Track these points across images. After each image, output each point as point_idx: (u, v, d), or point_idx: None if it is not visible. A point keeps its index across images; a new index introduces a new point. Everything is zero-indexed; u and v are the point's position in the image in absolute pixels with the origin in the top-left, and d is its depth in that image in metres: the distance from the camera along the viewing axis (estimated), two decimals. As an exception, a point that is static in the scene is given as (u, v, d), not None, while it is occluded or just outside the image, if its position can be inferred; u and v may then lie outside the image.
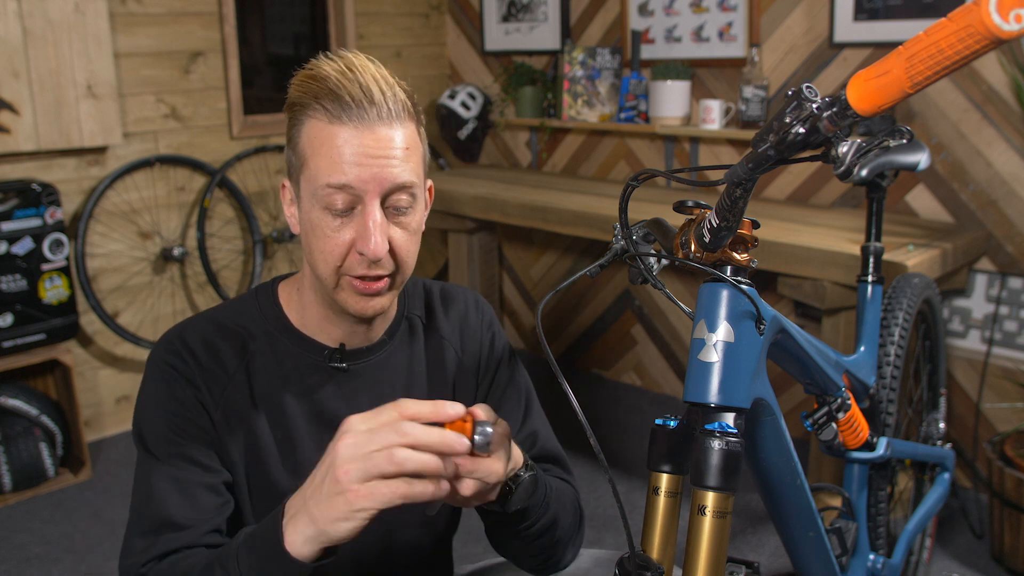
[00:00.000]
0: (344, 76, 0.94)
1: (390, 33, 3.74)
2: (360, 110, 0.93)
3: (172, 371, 1.03)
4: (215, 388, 1.04)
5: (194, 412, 1.02)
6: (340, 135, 0.94)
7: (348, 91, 0.93)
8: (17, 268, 2.65)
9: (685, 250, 0.95)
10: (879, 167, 1.55)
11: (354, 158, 0.93)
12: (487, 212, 3.02)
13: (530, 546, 1.06)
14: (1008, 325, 2.48)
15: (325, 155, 0.94)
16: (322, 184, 0.95)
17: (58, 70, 2.73)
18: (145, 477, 1.01)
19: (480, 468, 0.84)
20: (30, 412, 2.74)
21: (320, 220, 0.97)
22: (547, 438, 1.20)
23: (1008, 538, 2.23)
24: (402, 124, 0.96)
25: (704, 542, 0.88)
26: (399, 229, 0.99)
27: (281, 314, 1.09)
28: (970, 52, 0.66)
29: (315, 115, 0.95)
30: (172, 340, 1.05)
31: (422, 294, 1.19)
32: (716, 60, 2.97)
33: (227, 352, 1.05)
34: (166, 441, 1.01)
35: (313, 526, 0.81)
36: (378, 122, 0.94)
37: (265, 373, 1.06)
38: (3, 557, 2.41)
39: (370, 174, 0.94)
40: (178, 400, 1.02)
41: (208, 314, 1.09)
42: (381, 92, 0.94)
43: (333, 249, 0.97)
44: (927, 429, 2.05)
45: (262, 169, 3.38)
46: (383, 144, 0.94)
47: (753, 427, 1.06)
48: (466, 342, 1.19)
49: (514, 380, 1.21)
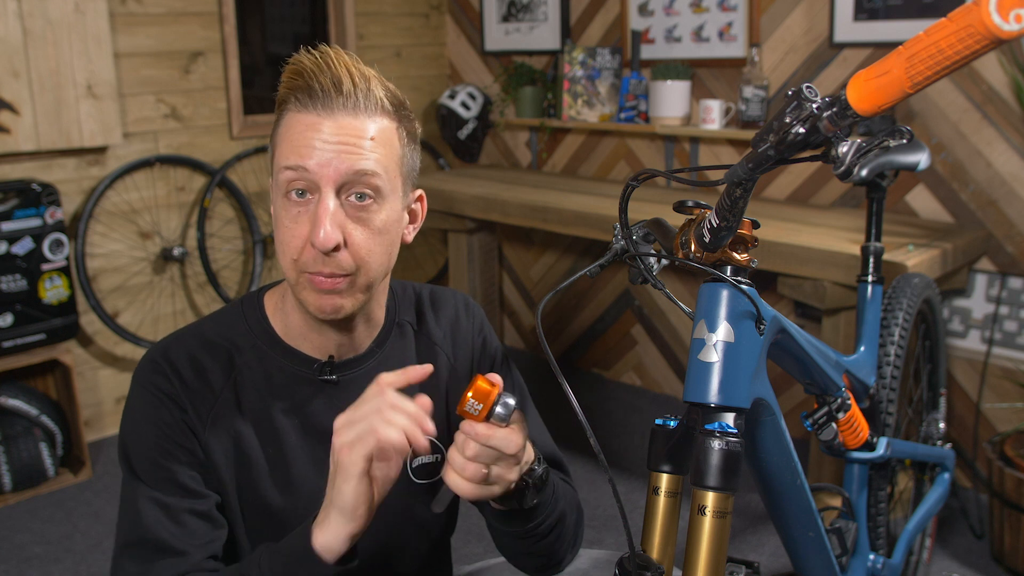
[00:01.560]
0: (318, 67, 0.94)
1: (390, 33, 3.74)
2: (327, 98, 0.93)
3: (158, 392, 1.00)
4: (202, 408, 1.01)
5: (180, 435, 1.00)
6: (304, 121, 0.94)
7: (319, 81, 0.93)
8: (17, 268, 2.65)
9: (685, 250, 0.95)
10: (879, 167, 1.55)
11: (314, 143, 0.93)
12: (487, 212, 3.02)
13: (536, 545, 1.05)
14: (1008, 325, 2.48)
15: (288, 140, 0.95)
16: (282, 167, 0.95)
17: (58, 70, 2.73)
18: (132, 499, 0.99)
19: (496, 436, 0.86)
20: (30, 412, 2.74)
21: (281, 210, 0.97)
22: (543, 441, 1.19)
23: (1008, 538, 2.23)
24: (371, 117, 0.95)
25: (704, 542, 0.88)
26: (359, 226, 0.96)
27: (268, 326, 1.07)
28: (970, 52, 0.66)
29: (291, 108, 0.96)
30: (156, 359, 1.02)
31: (412, 299, 1.17)
32: (716, 60, 2.97)
33: (214, 368, 1.03)
34: (152, 464, 0.99)
35: (331, 507, 0.86)
36: (343, 111, 0.94)
37: (253, 388, 1.04)
38: (3, 557, 2.41)
39: (327, 159, 0.93)
40: (164, 423, 1.00)
41: (193, 329, 1.06)
42: (352, 84, 0.94)
43: (290, 240, 0.96)
44: (927, 429, 2.05)
45: (262, 169, 3.38)
46: (344, 131, 0.93)
47: (753, 427, 1.06)
48: (458, 347, 1.18)
49: (508, 382, 1.20)
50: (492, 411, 0.85)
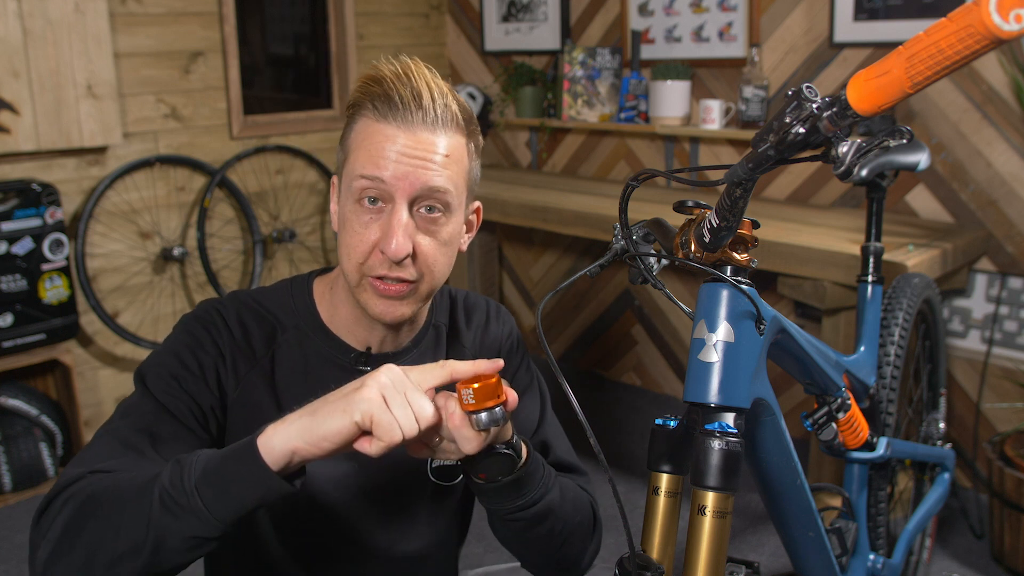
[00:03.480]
0: (398, 79, 0.97)
1: (390, 33, 3.74)
2: (407, 111, 0.96)
3: (205, 335, 1.03)
4: (241, 365, 1.04)
5: (207, 379, 1.01)
6: (383, 132, 0.97)
7: (399, 92, 0.96)
8: (17, 268, 2.65)
9: (685, 250, 0.95)
10: (879, 167, 1.55)
11: (391, 155, 0.96)
12: (487, 212, 3.02)
13: (529, 534, 1.04)
14: (1008, 325, 2.48)
15: (365, 149, 0.97)
16: (357, 175, 0.97)
17: (58, 70, 2.73)
18: (132, 404, 0.99)
19: (462, 432, 0.85)
20: (30, 412, 2.74)
21: (351, 214, 0.99)
22: (563, 448, 1.20)
23: (1008, 538, 2.23)
24: (447, 133, 0.98)
25: (704, 542, 0.88)
26: (427, 237, 0.99)
27: (313, 309, 1.10)
28: (970, 52, 0.66)
29: (367, 114, 0.99)
30: (209, 310, 1.06)
31: (448, 303, 1.20)
32: (716, 60, 2.97)
33: (258, 336, 1.06)
34: (165, 384, 0.99)
35: (303, 416, 0.81)
36: (422, 125, 0.96)
37: (288, 365, 1.07)
38: (3, 557, 2.41)
39: (403, 172, 0.96)
40: (198, 361, 1.02)
41: (243, 296, 1.09)
42: (431, 99, 0.97)
43: (358, 245, 0.98)
44: (927, 429, 2.05)
45: (262, 169, 3.38)
46: (422, 146, 0.96)
47: (753, 427, 1.06)
48: (485, 351, 1.20)
49: (531, 387, 1.21)
50: (479, 412, 0.84)
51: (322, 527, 1.09)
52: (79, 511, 0.84)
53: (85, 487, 0.85)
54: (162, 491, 0.80)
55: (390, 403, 0.80)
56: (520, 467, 0.96)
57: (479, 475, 0.95)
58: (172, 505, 0.80)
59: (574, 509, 1.09)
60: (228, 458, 0.81)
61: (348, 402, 0.80)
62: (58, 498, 0.86)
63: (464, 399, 0.85)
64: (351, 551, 1.12)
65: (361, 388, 0.81)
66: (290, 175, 3.47)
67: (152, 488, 0.81)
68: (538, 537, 1.05)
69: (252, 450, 0.80)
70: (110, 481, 0.85)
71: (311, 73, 3.69)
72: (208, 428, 1.02)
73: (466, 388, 0.84)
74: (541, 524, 1.03)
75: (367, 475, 1.10)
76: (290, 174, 3.47)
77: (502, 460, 0.93)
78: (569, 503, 1.08)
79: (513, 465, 0.95)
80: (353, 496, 1.09)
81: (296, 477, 0.84)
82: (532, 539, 1.05)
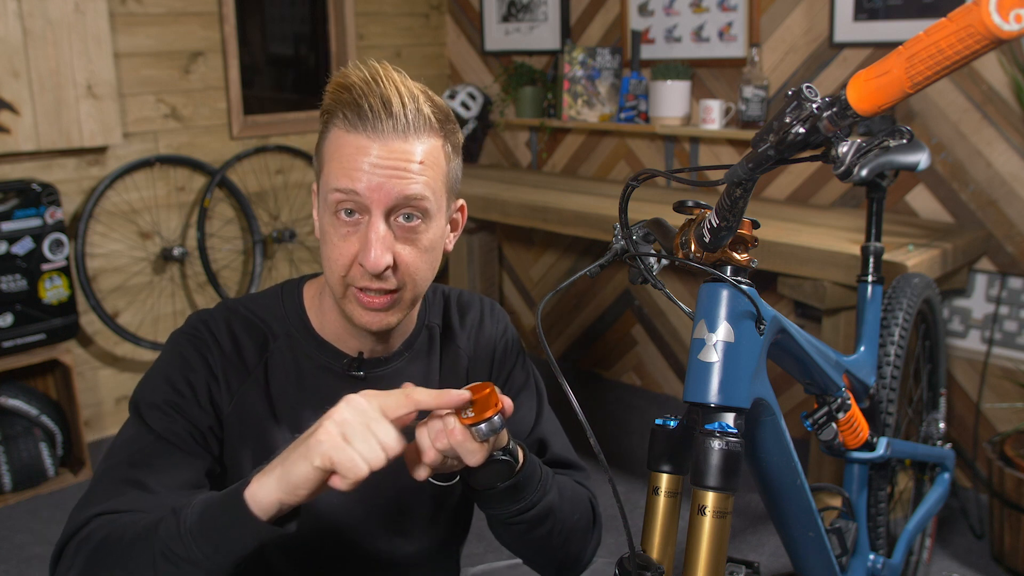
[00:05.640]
0: (367, 86, 0.95)
1: (390, 33, 3.74)
2: (376, 120, 0.94)
3: (194, 355, 1.02)
4: (234, 380, 1.03)
5: (200, 401, 1.01)
6: (354, 143, 0.95)
7: (368, 101, 0.94)
8: (17, 268, 2.65)
9: (685, 250, 0.95)
10: (879, 167, 1.55)
11: (364, 166, 0.94)
12: (487, 212, 3.02)
13: (530, 535, 1.04)
14: (1008, 325, 2.48)
15: (338, 161, 0.96)
16: (332, 188, 0.96)
17: (58, 70, 2.73)
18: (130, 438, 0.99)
19: (465, 445, 0.86)
20: (30, 412, 2.74)
21: (329, 226, 0.98)
22: (560, 445, 1.20)
23: (1008, 538, 2.23)
24: (419, 138, 0.96)
25: (704, 542, 0.88)
26: (407, 245, 0.98)
27: (304, 316, 1.09)
28: (970, 52, 0.66)
29: (338, 123, 0.97)
30: (197, 325, 1.05)
31: (441, 303, 1.19)
32: (716, 60, 2.97)
33: (249, 347, 1.05)
34: (161, 413, 0.99)
35: (279, 467, 0.80)
36: (393, 134, 0.95)
37: (282, 373, 1.06)
38: (3, 557, 2.41)
39: (377, 183, 0.94)
40: (190, 384, 1.01)
41: (232, 304, 1.08)
42: (401, 104, 0.95)
43: (339, 258, 0.98)
44: (927, 429, 2.05)
45: (262, 169, 3.38)
46: (395, 155, 0.95)
47: (753, 427, 1.06)
48: (480, 351, 1.19)
49: (528, 385, 1.21)
50: (479, 424, 0.85)
51: (322, 532, 1.09)
52: (91, 559, 0.86)
53: (94, 533, 0.88)
54: (161, 544, 0.82)
55: (350, 438, 0.78)
56: (517, 472, 0.96)
57: (477, 482, 0.95)
58: (172, 556, 0.82)
59: (573, 508, 1.09)
60: (220, 512, 0.82)
61: (307, 448, 0.79)
62: (69, 545, 0.89)
63: (463, 413, 0.86)
64: (352, 555, 1.11)
65: (317, 430, 0.80)
66: (290, 175, 3.47)
67: (152, 539, 0.83)
68: (539, 538, 1.05)
69: (241, 504, 0.80)
70: (116, 527, 0.87)
71: (311, 73, 3.69)
72: (209, 448, 1.02)
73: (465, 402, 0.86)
74: (541, 526, 1.03)
75: (366, 479, 1.09)
76: (290, 174, 3.47)
77: (499, 466, 0.94)
78: (568, 502, 1.08)
79: (511, 470, 0.95)
80: (353, 500, 1.08)
81: (290, 519, 0.84)
82: (533, 541, 1.05)
